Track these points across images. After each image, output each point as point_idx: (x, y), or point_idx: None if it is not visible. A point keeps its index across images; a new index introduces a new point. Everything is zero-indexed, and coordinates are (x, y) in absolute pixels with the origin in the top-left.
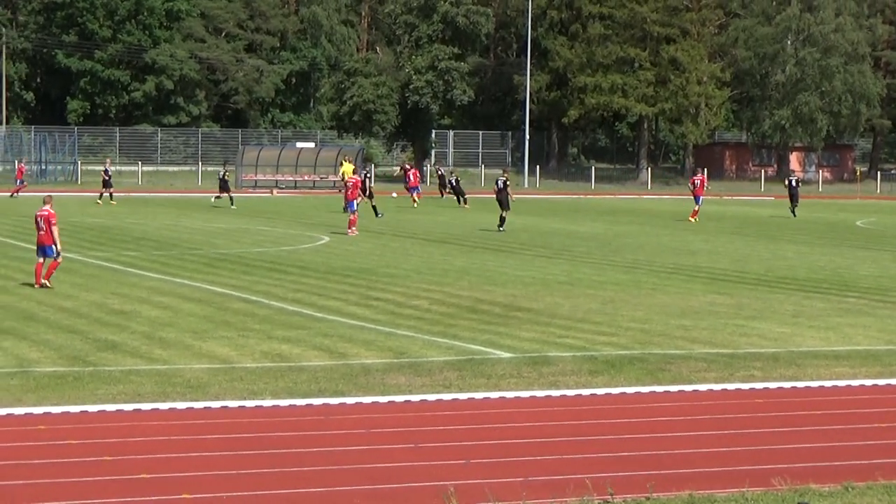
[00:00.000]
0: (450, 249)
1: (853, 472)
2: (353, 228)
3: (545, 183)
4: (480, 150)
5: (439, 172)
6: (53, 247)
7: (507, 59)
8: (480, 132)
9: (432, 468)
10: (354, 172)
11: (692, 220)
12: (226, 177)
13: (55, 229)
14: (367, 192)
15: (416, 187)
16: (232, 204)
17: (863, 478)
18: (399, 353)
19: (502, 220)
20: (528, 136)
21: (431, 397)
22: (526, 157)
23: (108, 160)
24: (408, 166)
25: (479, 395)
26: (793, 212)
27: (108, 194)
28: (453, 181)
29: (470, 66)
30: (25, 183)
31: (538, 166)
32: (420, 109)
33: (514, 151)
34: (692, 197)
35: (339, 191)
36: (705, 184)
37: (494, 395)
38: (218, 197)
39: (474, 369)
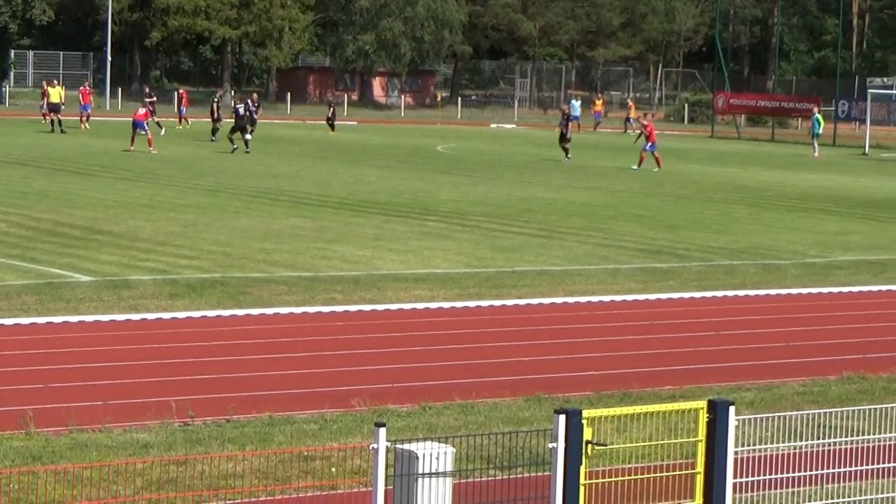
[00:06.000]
0: (29, 171)
1: (430, 393)
2: None
3: (127, 105)
4: (61, 70)
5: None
6: None
7: None
8: (61, 53)
9: (10, 393)
10: None
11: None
12: None
13: None
14: None
15: None
16: None
17: (439, 398)
18: None
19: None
20: (109, 58)
21: (9, 321)
22: (108, 79)
23: None
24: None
25: (57, 319)
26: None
27: None
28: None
29: None
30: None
31: (120, 88)
32: None
33: (95, 73)
34: (646, 141)
35: None
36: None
37: (74, 318)
38: None
39: (53, 293)
